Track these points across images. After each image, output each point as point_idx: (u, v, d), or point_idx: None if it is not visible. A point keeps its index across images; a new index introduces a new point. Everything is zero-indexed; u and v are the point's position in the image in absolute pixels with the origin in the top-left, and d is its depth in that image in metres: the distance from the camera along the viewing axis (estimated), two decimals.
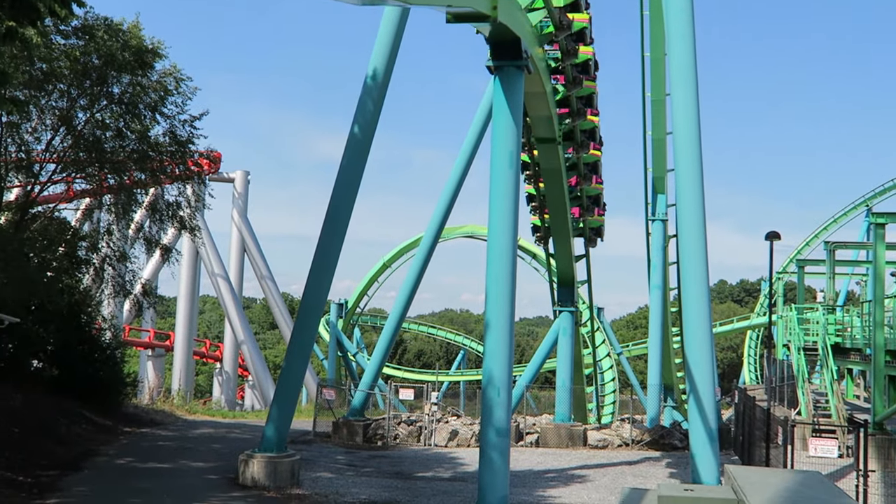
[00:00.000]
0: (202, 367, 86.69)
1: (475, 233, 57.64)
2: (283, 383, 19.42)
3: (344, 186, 19.49)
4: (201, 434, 27.64)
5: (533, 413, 42.22)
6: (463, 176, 28.92)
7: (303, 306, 19.65)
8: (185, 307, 56.91)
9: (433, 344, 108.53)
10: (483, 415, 14.94)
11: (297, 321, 19.86)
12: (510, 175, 15.08)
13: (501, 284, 14.94)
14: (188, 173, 25.97)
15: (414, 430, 28.94)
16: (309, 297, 19.49)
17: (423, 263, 29.41)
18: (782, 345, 33.79)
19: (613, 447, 28.25)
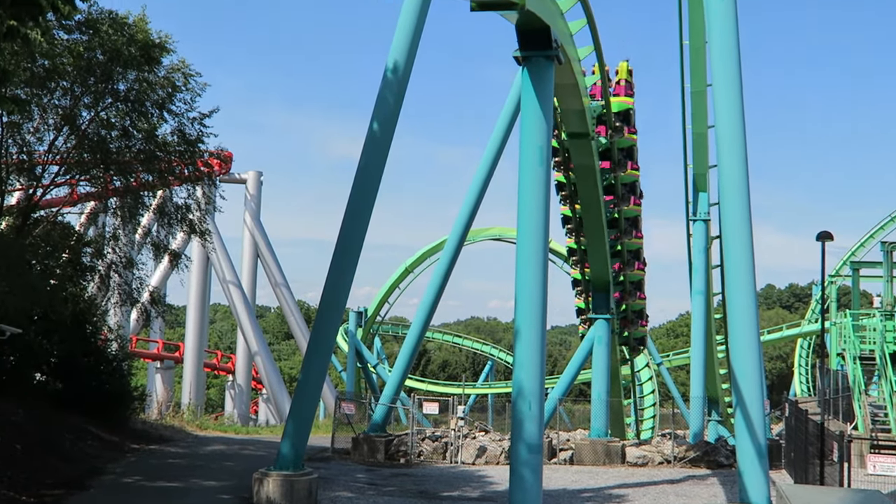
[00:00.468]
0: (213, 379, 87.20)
1: (503, 235, 57.61)
2: (300, 397, 19.47)
3: (363, 187, 19.52)
4: (213, 451, 27.78)
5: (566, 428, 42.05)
6: (489, 174, 28.86)
7: (320, 315, 19.69)
8: (195, 316, 57.26)
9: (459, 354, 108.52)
10: (513, 430, 14.91)
11: (313, 331, 19.90)
12: (540, 172, 15.06)
13: (532, 290, 14.92)
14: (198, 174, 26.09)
15: (439, 446, 28.92)
16: (326, 305, 19.53)
17: (448, 268, 29.39)
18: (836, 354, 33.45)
19: (654, 464, 28.08)
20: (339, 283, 19.49)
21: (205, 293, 57.73)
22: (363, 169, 19.58)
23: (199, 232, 26.81)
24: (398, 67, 19.49)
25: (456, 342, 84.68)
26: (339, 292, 19.55)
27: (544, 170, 15.11)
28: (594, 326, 30.43)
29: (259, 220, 59.49)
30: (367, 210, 19.71)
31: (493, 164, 28.78)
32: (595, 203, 27.09)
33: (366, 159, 19.58)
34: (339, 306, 19.75)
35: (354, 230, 19.52)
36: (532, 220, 15.08)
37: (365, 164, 19.58)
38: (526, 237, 15.10)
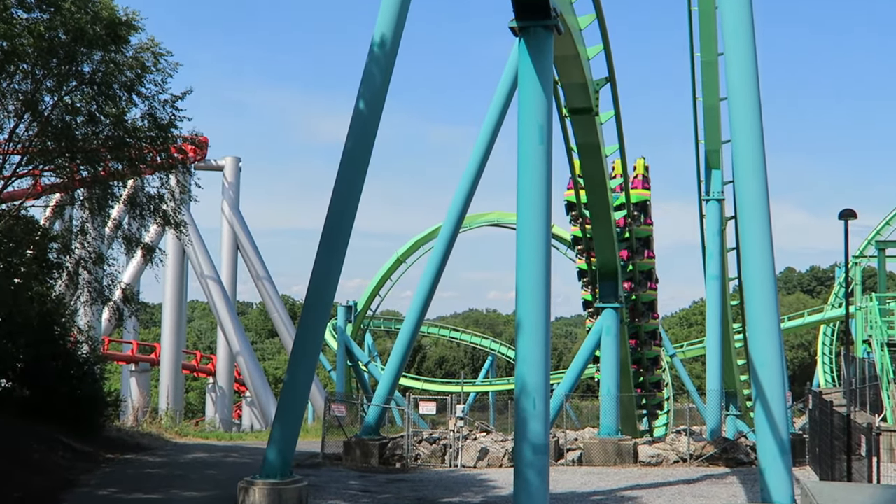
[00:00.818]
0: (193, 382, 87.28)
1: (502, 220, 57.59)
2: (286, 399, 19.48)
3: (350, 171, 19.49)
4: (194, 459, 27.81)
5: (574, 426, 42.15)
6: (486, 155, 28.83)
7: (306, 310, 19.69)
8: (171, 315, 57.24)
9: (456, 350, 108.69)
10: (517, 429, 14.94)
11: (299, 327, 19.90)
12: (541, 152, 15.05)
13: (534, 279, 14.92)
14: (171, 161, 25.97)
15: (437, 448, 28.99)
16: (313, 299, 19.52)
17: (443, 257, 29.39)
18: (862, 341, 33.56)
19: (669, 464, 28.18)
20: (326, 276, 19.47)
21: (181, 289, 57.67)
22: (350, 151, 19.54)
23: (173, 223, 26.73)
24: (385, 40, 19.44)
25: (453, 337, 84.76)
26: (327, 286, 19.53)
27: (545, 149, 15.08)
28: (602, 316, 30.48)
29: (238, 210, 59.41)
30: (355, 196, 19.68)
31: (489, 144, 28.73)
32: (600, 183, 27.11)
33: (352, 141, 19.54)
34: (326, 301, 19.74)
35: (341, 218, 19.49)
36: (533, 203, 15.06)
37: (351, 146, 19.53)
38: (526, 222, 15.08)
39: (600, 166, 26.42)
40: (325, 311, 19.81)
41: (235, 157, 59.88)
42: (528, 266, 14.98)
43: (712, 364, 34.22)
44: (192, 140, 26.10)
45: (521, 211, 15.20)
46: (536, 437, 14.69)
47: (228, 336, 55.87)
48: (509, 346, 78.57)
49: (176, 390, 56.81)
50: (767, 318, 16.19)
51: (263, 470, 18.85)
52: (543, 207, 15.09)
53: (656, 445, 29.31)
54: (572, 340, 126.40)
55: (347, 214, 19.55)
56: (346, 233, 19.62)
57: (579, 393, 68.64)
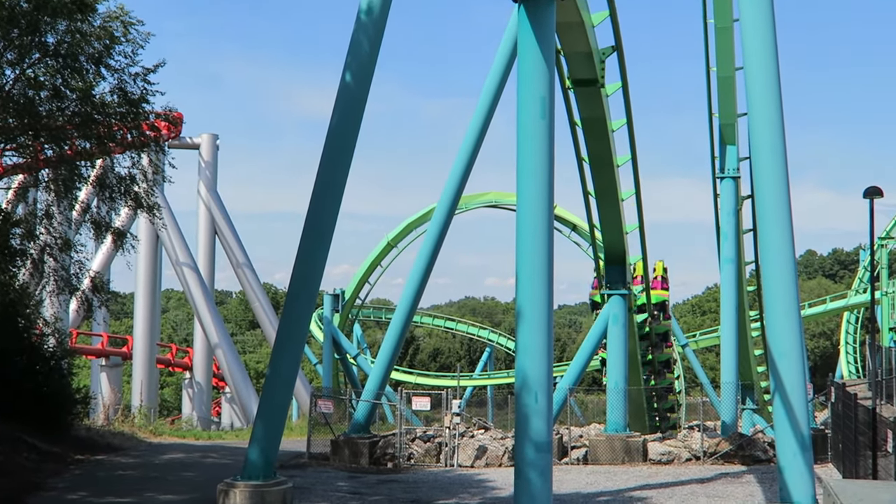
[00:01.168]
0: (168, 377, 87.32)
1: (500, 201, 57.55)
2: (269, 395, 19.48)
3: (336, 149, 19.45)
4: (170, 460, 27.84)
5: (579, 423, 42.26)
6: (483, 131, 28.80)
7: (290, 299, 19.67)
8: (144, 305, 57.21)
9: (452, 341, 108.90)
10: (517, 426, 14.96)
11: (282, 318, 19.90)
12: (542, 127, 15.01)
13: (535, 264, 14.91)
14: (143, 139, 25.92)
15: (432, 447, 29.05)
16: (297, 287, 19.50)
17: (437, 242, 29.38)
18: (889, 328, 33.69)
19: (680, 462, 28.28)
20: (311, 262, 19.45)
21: (155, 278, 57.61)
22: (336, 127, 19.48)
23: (146, 206, 26.67)
24: (373, 6, 19.36)
25: (448, 327, 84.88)
26: (312, 272, 19.51)
27: (547, 123, 15.04)
28: (608, 303, 30.52)
29: (216, 191, 59.29)
30: (342, 175, 19.64)
31: (487, 119, 28.69)
32: (606, 161, 27.10)
33: (338, 116, 19.48)
34: (311, 289, 19.72)
35: (327, 199, 19.45)
36: (534, 182, 15.03)
37: (338, 122, 19.48)
38: (527, 203, 15.06)
39: (606, 142, 26.37)
40: (310, 300, 19.80)
41: (212, 135, 59.70)
42: (529, 250, 14.97)
43: (727, 355, 34.27)
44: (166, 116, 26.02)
45: (521, 191, 15.17)
46: (538, 434, 14.72)
47: (206, 327, 55.86)
48: (509, 336, 78.70)
49: (150, 386, 56.83)
50: (787, 305, 16.21)
51: (245, 471, 18.87)
52: (545, 187, 15.06)
53: (667, 442, 29.42)
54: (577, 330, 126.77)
55: (334, 195, 19.51)
56: (333, 215, 19.58)
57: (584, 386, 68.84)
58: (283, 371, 19.44)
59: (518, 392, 14.95)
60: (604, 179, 27.87)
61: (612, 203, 28.76)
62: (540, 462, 14.69)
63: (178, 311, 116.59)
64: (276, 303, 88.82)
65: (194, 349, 63.05)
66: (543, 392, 14.79)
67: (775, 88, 16.65)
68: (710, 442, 29.02)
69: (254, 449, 18.96)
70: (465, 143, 28.94)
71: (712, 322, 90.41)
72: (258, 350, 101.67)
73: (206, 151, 59.04)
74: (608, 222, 29.53)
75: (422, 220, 55.51)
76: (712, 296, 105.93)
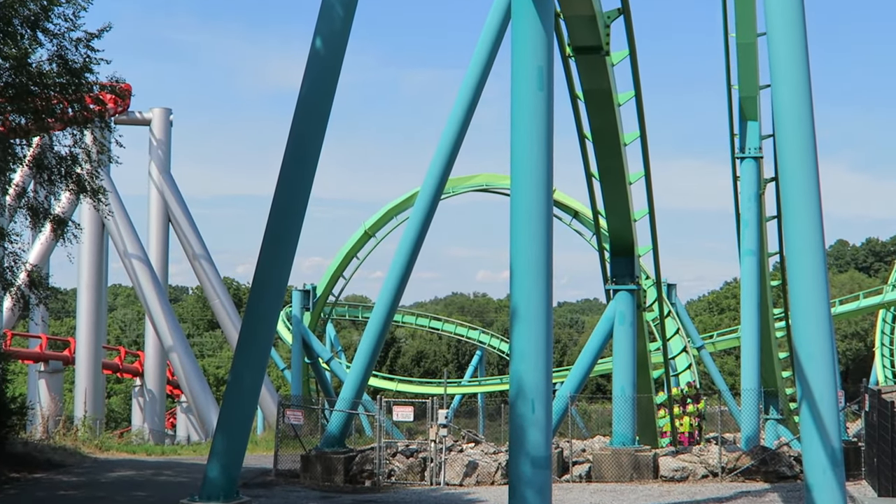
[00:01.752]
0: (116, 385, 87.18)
1: (492, 184, 57.54)
2: (231, 404, 19.47)
3: (306, 124, 19.42)
4: (118, 478, 27.80)
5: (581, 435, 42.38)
6: (472, 105, 28.78)
7: (254, 296, 19.65)
8: (88, 303, 57.02)
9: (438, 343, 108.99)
10: (512, 439, 14.98)
11: (246, 317, 19.88)
12: (540, 100, 15.00)
13: (532, 256, 14.92)
14: (86, 114, 25.81)
15: (415, 463, 29.08)
16: (262, 282, 19.48)
17: (421, 230, 29.36)
18: None
19: (696, 479, 28.36)
20: (278, 254, 19.43)
21: (101, 271, 57.41)
22: (306, 100, 19.45)
23: (90, 190, 26.58)
24: None
25: (434, 327, 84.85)
26: (279, 265, 19.50)
27: (545, 96, 15.03)
28: (615, 300, 30.55)
29: (169, 173, 59.13)
30: (313, 154, 19.62)
31: (476, 92, 28.66)
32: (612, 139, 27.09)
33: (309, 87, 19.45)
34: (278, 284, 19.71)
35: (297, 182, 19.43)
36: (530, 163, 15.02)
37: (308, 94, 19.45)
38: (523, 187, 15.05)
39: (612, 117, 26.37)
40: (276, 298, 19.78)
41: (165, 109, 59.51)
42: (525, 240, 14.97)
43: (748, 358, 34.39)
44: (112, 88, 25.94)
45: (515, 173, 15.17)
46: (536, 447, 14.74)
47: (159, 328, 55.73)
48: (502, 337, 78.79)
49: (95, 395, 56.67)
50: (815, 302, 16.25)
51: (203, 490, 18.86)
52: (543, 168, 15.06)
53: (681, 457, 29.50)
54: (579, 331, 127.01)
55: (304, 177, 19.49)
56: (303, 200, 19.55)
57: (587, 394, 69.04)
58: (246, 377, 19.42)
59: (513, 401, 14.96)
60: (609, 160, 27.87)
61: (618, 186, 28.77)
62: (537, 479, 14.72)
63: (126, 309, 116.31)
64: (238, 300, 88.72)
65: (145, 353, 62.87)
66: (541, 401, 14.81)
67: (802, 56, 16.67)
68: (730, 456, 29.09)
69: (214, 465, 18.94)
70: (452, 119, 28.89)
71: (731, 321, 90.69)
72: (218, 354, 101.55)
73: (158, 128, 58.84)
74: (614, 208, 29.54)
75: (403, 206, 55.41)
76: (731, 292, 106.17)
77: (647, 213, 31.08)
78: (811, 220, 16.37)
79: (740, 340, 36.21)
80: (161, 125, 58.96)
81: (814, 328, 16.24)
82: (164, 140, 58.95)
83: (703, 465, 28.78)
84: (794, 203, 16.55)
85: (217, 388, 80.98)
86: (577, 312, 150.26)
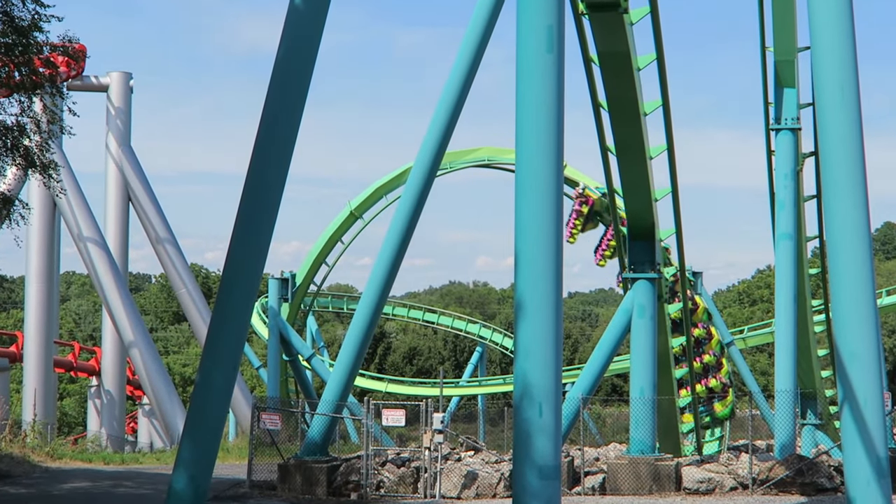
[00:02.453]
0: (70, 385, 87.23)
1: (495, 159, 57.50)
2: (199, 407, 19.46)
3: (284, 91, 19.37)
4: (72, 490, 27.81)
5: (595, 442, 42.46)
6: (472, 70, 28.74)
7: (225, 285, 19.64)
8: (38, 292, 57.00)
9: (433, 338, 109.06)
10: (516, 447, 14.99)
11: (216, 309, 19.86)
12: (549, 63, 14.95)
13: (540, 241, 14.90)
14: (35, 78, 25.81)
15: (407, 473, 29.10)
16: (234, 269, 19.46)
17: (414, 212, 29.34)
18: None
19: (724, 491, 28.41)
20: (252, 237, 19.40)
21: (52, 257, 57.39)
22: (283, 63, 19.41)
23: (39, 165, 26.59)
24: None
25: (428, 320, 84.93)
26: (253, 251, 19.47)
27: (555, 59, 14.96)
28: (633, 290, 30.55)
29: (129, 147, 59.10)
30: (292, 127, 19.58)
31: (477, 54, 28.61)
32: (631, 108, 27.07)
33: (287, 50, 19.41)
34: (252, 272, 19.68)
35: (273, 158, 19.40)
36: (538, 135, 14.98)
37: (286, 56, 19.41)
38: (529, 162, 15.02)
39: (631, 84, 26.32)
40: (250, 287, 19.76)
41: (124, 73, 59.43)
42: (532, 223, 14.94)
43: (783, 356, 34.41)
44: (65, 49, 25.90)
45: (521, 146, 15.14)
46: (543, 456, 14.75)
47: (118, 321, 55.72)
48: (505, 332, 78.84)
49: (46, 396, 56.70)
50: (859, 293, 16.26)
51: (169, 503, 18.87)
52: (553, 141, 15.02)
53: (706, 467, 29.55)
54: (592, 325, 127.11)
55: (281, 153, 19.46)
56: (281, 177, 19.52)
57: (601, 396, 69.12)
58: (216, 377, 19.42)
59: (517, 403, 14.97)
60: (627, 131, 27.84)
61: (637, 161, 28.75)
62: (545, 492, 14.74)
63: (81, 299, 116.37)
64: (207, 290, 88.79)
65: (103, 349, 62.90)
66: (549, 403, 14.82)
67: (846, 12, 16.64)
68: (762, 466, 29.15)
69: (180, 476, 18.94)
70: (450, 86, 28.85)
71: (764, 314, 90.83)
72: (185, 350, 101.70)
73: (116, 95, 58.76)
74: (633, 186, 29.53)
75: (394, 184, 55.39)
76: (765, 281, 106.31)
77: (670, 191, 31.08)
78: (855, 200, 16.36)
79: (774, 336, 36.21)
80: (120, 92, 58.86)
81: (857, 322, 16.25)
82: (124, 108, 58.87)
83: (732, 476, 28.82)
84: (835, 180, 16.54)
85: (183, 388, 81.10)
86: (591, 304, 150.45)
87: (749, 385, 55.54)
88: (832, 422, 42.17)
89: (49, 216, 55.82)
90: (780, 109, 34.56)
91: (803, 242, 35.90)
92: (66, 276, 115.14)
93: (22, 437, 39.06)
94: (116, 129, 58.53)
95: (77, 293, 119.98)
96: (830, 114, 16.61)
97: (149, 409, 61.44)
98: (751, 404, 34.23)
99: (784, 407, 33.71)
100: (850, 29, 16.64)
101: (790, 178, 34.26)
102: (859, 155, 16.43)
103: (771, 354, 69.56)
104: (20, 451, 35.32)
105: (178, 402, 54.53)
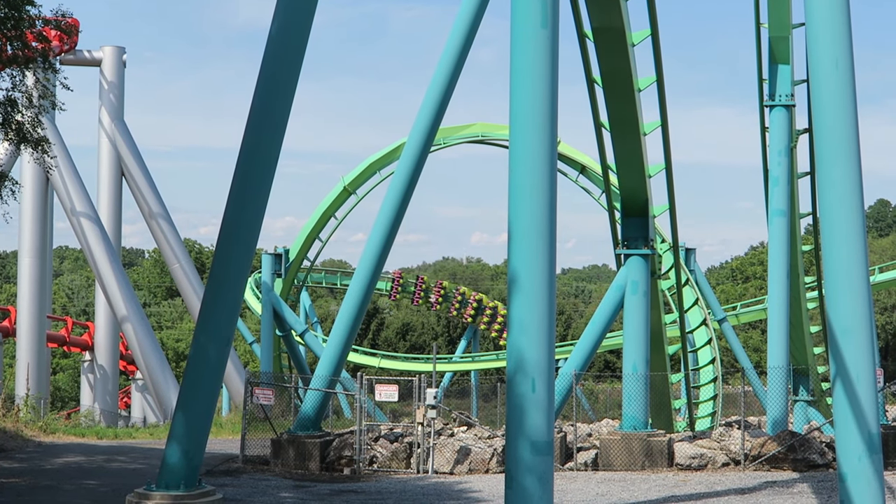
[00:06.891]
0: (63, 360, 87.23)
1: (489, 135, 57.44)
2: (192, 382, 19.47)
3: (277, 67, 19.33)
4: (65, 465, 27.84)
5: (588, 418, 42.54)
6: (466, 45, 28.66)
7: (218, 260, 19.62)
8: (31, 267, 56.95)
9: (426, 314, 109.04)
10: (509, 422, 15.02)
11: (209, 284, 19.86)
12: (543, 39, 14.93)
13: (533, 216, 14.90)
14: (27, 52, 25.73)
15: (400, 448, 29.17)
16: (227, 244, 19.45)
17: (407, 187, 29.32)
18: None
19: (716, 467, 28.48)
20: (245, 212, 19.38)
21: (45, 232, 57.31)
22: (277, 39, 19.36)
23: (31, 140, 26.52)
24: None
25: None
26: (246, 226, 19.45)
27: (549, 34, 14.94)
28: (626, 266, 30.55)
29: (122, 121, 58.96)
30: (285, 102, 19.54)
31: (471, 29, 28.55)
32: (625, 84, 27.04)
33: (280, 24, 19.35)
34: (246, 247, 19.68)
35: (266, 133, 19.37)
36: (532, 111, 14.96)
37: (279, 32, 19.36)
38: (523, 138, 15.00)
39: (625, 59, 26.30)
40: (244, 262, 19.76)
41: (117, 48, 59.23)
42: (526, 198, 14.94)
43: (776, 332, 34.47)
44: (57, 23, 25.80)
45: (515, 122, 15.12)
46: (536, 431, 14.77)
47: (111, 296, 55.71)
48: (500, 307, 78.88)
49: (39, 371, 56.72)
50: (852, 270, 16.26)
51: (161, 478, 18.89)
52: (547, 117, 15.00)
53: (699, 443, 29.61)
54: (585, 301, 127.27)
55: (275, 128, 19.42)
56: (274, 152, 19.50)
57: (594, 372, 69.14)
58: (210, 352, 19.43)
59: (510, 379, 14.98)
60: (621, 107, 27.82)
61: (631, 138, 28.73)
62: (538, 467, 14.76)
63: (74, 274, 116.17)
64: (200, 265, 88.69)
65: (96, 324, 62.89)
66: (543, 379, 14.83)
67: None
68: (754, 442, 29.21)
69: (173, 450, 18.97)
70: (444, 61, 28.79)
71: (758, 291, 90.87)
72: (178, 325, 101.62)
73: (109, 69, 58.60)
74: (626, 162, 29.52)
75: (388, 160, 55.31)
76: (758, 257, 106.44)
77: (664, 168, 31.06)
78: (849, 177, 16.35)
79: (767, 312, 36.24)
80: (113, 66, 58.70)
81: (850, 299, 16.25)
82: (117, 83, 58.71)
83: (724, 452, 28.90)
84: (829, 157, 16.52)
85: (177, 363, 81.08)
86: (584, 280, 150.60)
87: (741, 361, 55.62)
88: (824, 398, 42.30)
89: (41, 191, 55.74)
90: (774, 86, 34.53)
91: (797, 219, 35.93)
92: (59, 251, 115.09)
93: (15, 411, 39.07)
94: (109, 103, 58.41)
95: (70, 268, 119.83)
96: (824, 90, 16.57)
97: (142, 385, 61.46)
98: (743, 381, 34.21)
99: (776, 383, 33.79)
100: (845, 4, 16.61)
101: (784, 155, 34.28)
102: (853, 131, 16.41)
103: (763, 331, 69.73)
104: (13, 425, 35.34)
105: (172, 377, 54.58)
